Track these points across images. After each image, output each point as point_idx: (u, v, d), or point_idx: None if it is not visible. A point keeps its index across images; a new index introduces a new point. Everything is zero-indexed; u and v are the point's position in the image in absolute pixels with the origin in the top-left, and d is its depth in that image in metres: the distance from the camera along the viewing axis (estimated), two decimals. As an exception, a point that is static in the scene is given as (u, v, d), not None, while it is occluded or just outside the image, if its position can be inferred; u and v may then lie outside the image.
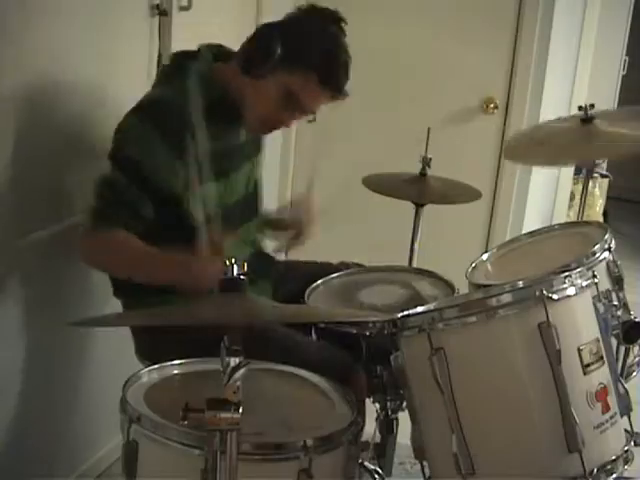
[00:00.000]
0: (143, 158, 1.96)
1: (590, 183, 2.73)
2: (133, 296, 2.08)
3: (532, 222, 3.76)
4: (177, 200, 2.01)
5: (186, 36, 2.26)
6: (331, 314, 1.91)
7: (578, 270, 1.74)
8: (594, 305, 1.77)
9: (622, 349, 2.05)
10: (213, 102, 2.02)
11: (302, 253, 2.70)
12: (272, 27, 2.02)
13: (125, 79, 2.14)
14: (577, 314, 1.71)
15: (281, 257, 2.62)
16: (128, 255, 1.99)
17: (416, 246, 2.75)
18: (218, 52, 2.12)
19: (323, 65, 2.00)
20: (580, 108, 2.48)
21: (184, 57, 2.12)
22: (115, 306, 2.18)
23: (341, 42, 2.04)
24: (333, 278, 2.27)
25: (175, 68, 2.10)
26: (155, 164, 1.96)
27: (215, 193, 2.06)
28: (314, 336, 2.10)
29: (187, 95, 2.02)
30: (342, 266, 2.40)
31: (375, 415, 2.02)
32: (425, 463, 1.81)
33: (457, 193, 2.69)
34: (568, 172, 4.70)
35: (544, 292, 1.64)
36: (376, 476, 1.97)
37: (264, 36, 2.00)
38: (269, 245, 2.45)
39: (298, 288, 2.17)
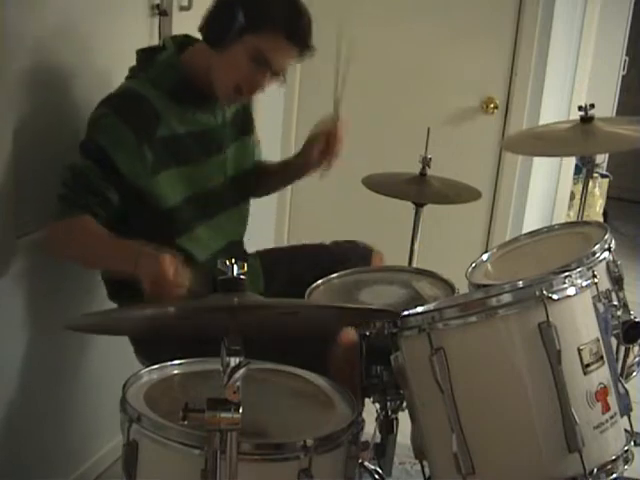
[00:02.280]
0: (110, 146, 1.99)
1: (590, 183, 2.73)
2: (128, 300, 2.08)
3: (532, 222, 3.76)
4: (143, 188, 2.03)
5: (186, 36, 2.26)
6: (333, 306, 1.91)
7: (578, 270, 1.74)
8: (594, 305, 1.77)
9: (622, 349, 2.05)
10: (180, 88, 2.08)
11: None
12: None
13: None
14: (577, 314, 1.71)
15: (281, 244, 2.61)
16: (89, 240, 2.00)
17: (416, 246, 2.75)
18: (183, 41, 2.15)
19: (288, 21, 2.03)
20: (580, 108, 2.48)
21: (148, 51, 2.17)
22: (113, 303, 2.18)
23: None
24: (333, 278, 2.27)
25: (141, 62, 2.14)
26: (122, 152, 1.99)
27: (184, 179, 2.09)
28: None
29: (153, 84, 2.06)
30: (334, 245, 2.45)
31: (375, 415, 2.02)
32: (425, 463, 1.81)
33: (457, 193, 2.69)
34: (568, 172, 4.71)
35: (544, 292, 1.64)
36: (376, 476, 1.97)
37: (224, 4, 2.02)
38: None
39: (296, 272, 2.18)
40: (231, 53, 2.03)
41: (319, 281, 2.23)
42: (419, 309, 1.81)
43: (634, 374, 2.14)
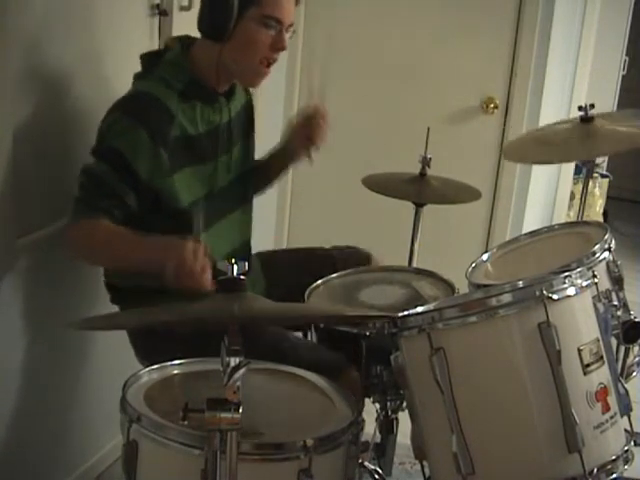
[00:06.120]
0: (127, 149, 1.98)
1: (590, 183, 2.73)
2: (131, 302, 2.08)
3: (532, 222, 3.76)
4: (160, 188, 2.03)
5: (186, 36, 2.25)
6: (332, 311, 1.91)
7: (578, 270, 1.74)
8: (594, 305, 1.77)
9: (622, 349, 2.05)
10: (190, 88, 2.08)
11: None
12: None
13: (125, 79, 2.14)
14: (577, 314, 1.71)
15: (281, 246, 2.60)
16: (112, 240, 1.98)
17: (416, 246, 2.75)
18: (186, 41, 2.14)
19: None
20: (580, 108, 2.48)
21: (152, 54, 2.17)
22: (115, 307, 2.18)
23: None
24: (333, 278, 2.27)
25: (146, 65, 2.13)
26: (138, 154, 1.99)
27: (198, 178, 2.09)
28: (314, 336, 2.10)
29: (164, 84, 2.06)
30: (335, 250, 2.46)
31: (375, 415, 2.02)
32: (425, 463, 1.81)
33: (457, 193, 2.69)
34: (568, 172, 4.70)
35: (544, 292, 1.64)
36: (376, 476, 1.97)
37: None
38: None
39: (298, 278, 2.18)
40: (241, 34, 2.03)
41: (319, 281, 2.23)
42: (419, 309, 1.81)
43: (634, 374, 2.14)
